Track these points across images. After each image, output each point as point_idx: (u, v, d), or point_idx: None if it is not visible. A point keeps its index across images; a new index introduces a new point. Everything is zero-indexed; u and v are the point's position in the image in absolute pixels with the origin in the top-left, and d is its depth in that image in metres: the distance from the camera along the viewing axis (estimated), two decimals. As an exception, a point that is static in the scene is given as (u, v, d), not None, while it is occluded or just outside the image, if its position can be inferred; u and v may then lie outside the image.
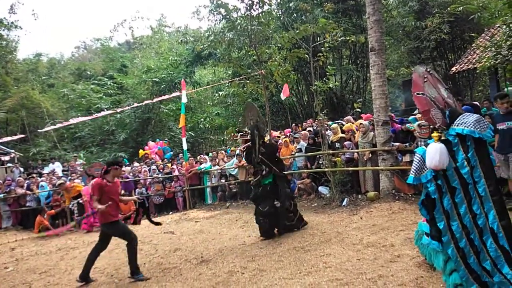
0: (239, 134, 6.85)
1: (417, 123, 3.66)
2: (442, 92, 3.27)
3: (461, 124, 3.04)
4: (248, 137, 6.51)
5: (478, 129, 2.95)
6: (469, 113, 3.13)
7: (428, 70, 3.37)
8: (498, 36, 10.32)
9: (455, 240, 3.01)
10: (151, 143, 15.53)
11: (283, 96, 11.83)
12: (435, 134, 3.10)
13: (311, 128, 10.79)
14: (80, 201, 10.41)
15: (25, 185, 11.73)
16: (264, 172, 6.19)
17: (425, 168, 3.11)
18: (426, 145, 3.19)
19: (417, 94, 3.21)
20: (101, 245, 5.36)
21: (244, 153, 6.61)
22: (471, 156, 2.99)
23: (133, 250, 5.20)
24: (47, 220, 10.22)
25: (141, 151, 15.05)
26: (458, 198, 3.03)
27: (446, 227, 3.05)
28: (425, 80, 3.22)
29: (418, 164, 3.16)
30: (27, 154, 19.02)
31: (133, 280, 5.14)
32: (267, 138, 6.44)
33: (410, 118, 3.96)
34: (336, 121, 10.22)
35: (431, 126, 3.42)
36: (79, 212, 10.39)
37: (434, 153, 3.00)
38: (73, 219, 10.51)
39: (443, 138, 3.11)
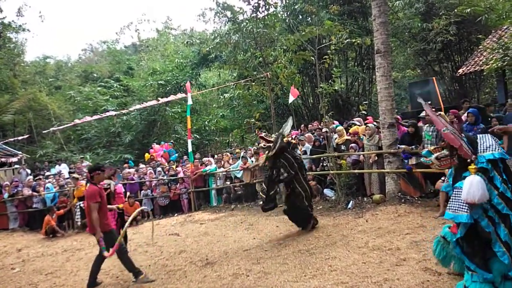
0: (264, 134, 7.09)
1: (434, 156, 3.54)
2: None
3: (487, 149, 2.99)
4: (271, 139, 6.81)
5: (501, 149, 2.93)
6: (482, 135, 3.10)
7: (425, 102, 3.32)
8: (505, 37, 10.25)
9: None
10: (156, 146, 15.58)
11: (291, 98, 11.83)
12: (472, 167, 2.96)
13: (315, 132, 10.79)
14: (82, 205, 10.48)
15: (32, 186, 11.83)
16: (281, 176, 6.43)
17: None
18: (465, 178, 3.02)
19: (443, 131, 3.13)
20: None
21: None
22: (506, 177, 2.94)
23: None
24: (54, 220, 10.28)
25: (147, 154, 15.08)
26: None
27: (510, 261, 2.85)
28: (437, 113, 3.20)
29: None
30: (34, 156, 19.19)
31: (138, 282, 5.15)
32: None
33: (424, 152, 3.86)
34: (352, 122, 10.13)
35: (452, 157, 3.31)
36: (81, 215, 10.48)
37: (476, 187, 2.85)
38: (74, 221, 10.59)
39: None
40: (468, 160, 3.01)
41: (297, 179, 6.43)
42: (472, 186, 2.87)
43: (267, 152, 6.74)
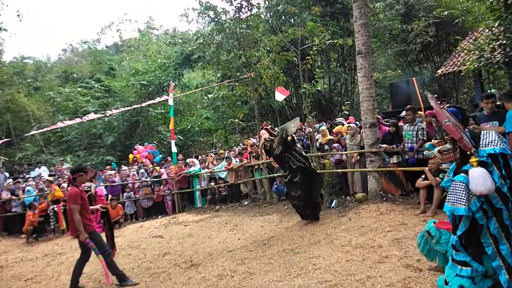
0: (270, 127, 7.26)
1: (437, 149, 3.56)
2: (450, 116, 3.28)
3: (489, 144, 3.03)
4: (275, 133, 7.00)
5: (503, 145, 2.97)
6: (487, 132, 3.15)
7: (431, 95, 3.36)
8: (481, 39, 10.55)
9: (506, 264, 2.89)
10: (140, 147, 15.39)
11: (281, 96, 11.84)
12: (473, 159, 3.00)
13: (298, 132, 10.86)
14: (55, 208, 10.29)
15: (11, 190, 11.51)
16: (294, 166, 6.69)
17: (472, 196, 2.98)
18: (464, 171, 3.07)
19: (445, 122, 3.16)
20: (85, 256, 5.20)
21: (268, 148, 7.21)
22: (505, 173, 2.99)
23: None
24: (37, 216, 10.03)
25: (130, 155, 14.87)
26: (505, 219, 2.94)
27: (495, 252, 2.94)
28: (442, 106, 3.22)
29: (465, 193, 2.99)
30: (12, 159, 18.66)
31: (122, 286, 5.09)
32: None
33: (427, 145, 3.89)
34: (338, 121, 10.24)
35: (455, 151, 3.34)
36: (55, 218, 10.30)
37: (483, 179, 2.88)
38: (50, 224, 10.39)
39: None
40: (468, 153, 3.06)
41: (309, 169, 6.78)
42: (480, 178, 2.90)
43: (267, 144, 6.94)
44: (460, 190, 3.02)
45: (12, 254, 8.56)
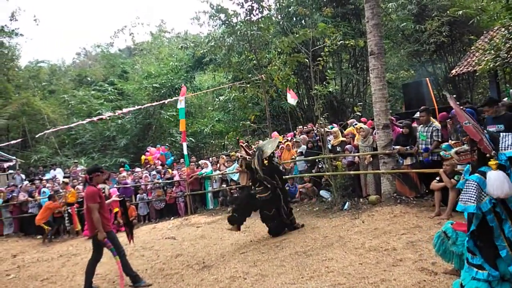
0: (245, 145, 7.14)
1: (454, 150, 3.51)
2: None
3: (508, 147, 2.99)
4: (250, 152, 6.93)
5: None
6: (505, 134, 3.11)
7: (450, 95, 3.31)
8: (497, 38, 10.36)
9: None
10: (152, 149, 15.53)
11: (293, 101, 11.88)
12: (492, 162, 2.96)
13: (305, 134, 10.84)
14: (70, 210, 10.46)
15: (29, 191, 11.75)
16: (264, 186, 6.56)
17: (484, 196, 2.96)
18: (479, 172, 3.05)
19: (465, 124, 3.11)
20: (96, 256, 5.27)
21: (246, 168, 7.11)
22: None
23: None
24: (55, 207, 10.23)
25: (142, 157, 15.02)
26: None
27: (510, 256, 2.90)
28: (462, 107, 3.18)
29: (476, 192, 2.98)
30: (28, 161, 19.06)
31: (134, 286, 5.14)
32: (272, 159, 6.94)
33: (444, 145, 3.81)
34: (355, 122, 10.15)
35: (473, 152, 3.30)
36: (69, 220, 10.48)
37: (501, 182, 2.85)
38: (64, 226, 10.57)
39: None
40: (488, 155, 3.01)
41: (279, 188, 6.69)
42: (498, 181, 2.87)
43: (242, 161, 6.87)
44: (471, 189, 3.00)
45: (29, 255, 8.72)
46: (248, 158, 6.84)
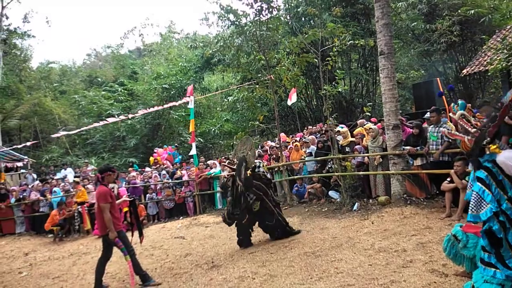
0: (227, 162, 6.96)
1: (461, 112, 3.39)
2: None
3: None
4: (234, 167, 6.72)
5: None
6: None
7: None
8: (509, 37, 10.21)
9: None
10: (159, 149, 15.62)
11: (289, 102, 11.89)
12: (493, 146, 2.97)
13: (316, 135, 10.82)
14: (80, 209, 10.59)
15: (41, 190, 11.91)
16: (251, 200, 6.35)
17: (484, 205, 2.97)
18: (477, 178, 3.05)
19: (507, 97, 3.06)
20: (106, 254, 5.32)
21: (229, 182, 6.78)
22: None
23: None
24: (62, 216, 10.31)
25: (151, 158, 15.12)
26: None
27: None
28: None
29: (476, 201, 3.02)
30: (39, 161, 19.33)
31: (143, 285, 5.18)
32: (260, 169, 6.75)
33: (460, 102, 3.66)
34: (366, 123, 10.09)
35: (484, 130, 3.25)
36: (79, 219, 10.64)
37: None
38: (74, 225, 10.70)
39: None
40: (487, 141, 3.00)
41: (267, 198, 6.52)
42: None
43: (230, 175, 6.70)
44: (473, 199, 3.04)
45: (40, 253, 8.85)
46: (228, 175, 6.68)
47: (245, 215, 6.33)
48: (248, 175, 6.44)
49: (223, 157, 10.89)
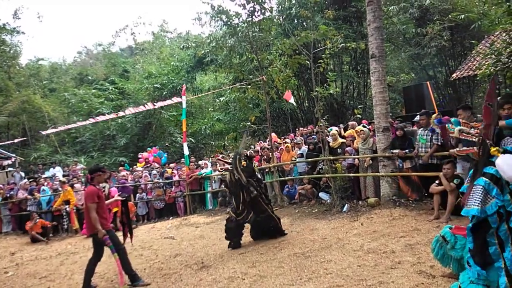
0: (221, 156, 6.96)
1: (459, 128, 3.49)
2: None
3: (509, 144, 3.03)
4: (230, 161, 6.74)
5: None
6: (509, 138, 3.14)
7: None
8: (498, 43, 10.35)
9: (506, 268, 2.88)
10: (144, 154, 15.38)
11: (292, 100, 11.95)
12: (493, 149, 3.01)
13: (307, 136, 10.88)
14: (67, 209, 10.48)
15: (28, 189, 11.74)
16: (253, 192, 6.38)
17: (489, 199, 2.98)
18: (484, 174, 3.06)
19: (488, 104, 3.13)
20: (97, 255, 5.26)
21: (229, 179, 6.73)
22: None
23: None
24: (37, 227, 10.07)
25: (138, 164, 14.82)
26: None
27: (498, 253, 2.93)
28: (497, 92, 3.22)
29: (481, 196, 3.02)
30: (28, 159, 19.06)
31: (132, 285, 5.14)
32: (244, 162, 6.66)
33: (453, 119, 3.76)
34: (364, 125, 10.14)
35: (474, 138, 3.30)
36: (67, 218, 10.57)
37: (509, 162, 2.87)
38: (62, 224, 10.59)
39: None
40: (489, 143, 3.04)
41: (261, 197, 6.54)
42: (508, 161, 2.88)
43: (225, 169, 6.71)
44: (478, 193, 3.03)
45: (27, 252, 8.73)
46: (230, 167, 6.64)
47: (250, 211, 6.37)
48: (243, 165, 6.49)
49: (217, 153, 10.83)
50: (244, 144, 6.73)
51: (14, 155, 17.00)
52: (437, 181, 6.15)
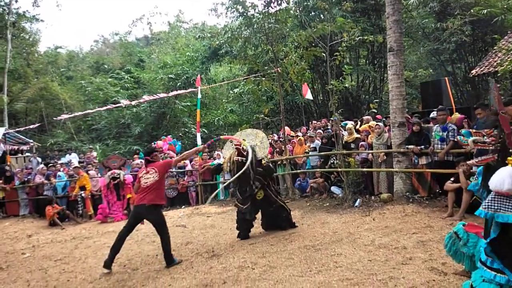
0: (235, 143, 6.79)
1: (473, 138, 3.42)
2: None
3: None
4: (244, 152, 6.54)
5: None
6: None
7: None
8: (521, 39, 10.07)
9: None
10: (159, 142, 15.54)
11: (308, 96, 11.85)
12: (511, 158, 2.90)
13: (321, 130, 10.80)
14: (83, 194, 10.67)
15: (46, 174, 12.00)
16: (256, 189, 6.35)
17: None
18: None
19: (502, 113, 3.07)
20: (129, 229, 5.51)
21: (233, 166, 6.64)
22: None
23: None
24: (55, 209, 10.28)
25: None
26: None
27: None
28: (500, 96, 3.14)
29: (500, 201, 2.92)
30: (44, 144, 19.48)
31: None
32: (264, 160, 6.61)
33: (464, 131, 3.70)
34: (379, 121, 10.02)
35: (491, 146, 3.22)
36: (82, 204, 10.79)
37: (507, 176, 2.79)
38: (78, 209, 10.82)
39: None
40: (511, 150, 2.95)
41: (269, 187, 6.52)
42: (503, 175, 2.80)
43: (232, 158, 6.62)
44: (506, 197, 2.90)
45: (43, 235, 8.95)
46: (241, 160, 6.50)
47: (248, 201, 6.36)
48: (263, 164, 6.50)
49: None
50: (264, 145, 6.72)
51: (31, 140, 17.37)
52: (452, 178, 6.05)
